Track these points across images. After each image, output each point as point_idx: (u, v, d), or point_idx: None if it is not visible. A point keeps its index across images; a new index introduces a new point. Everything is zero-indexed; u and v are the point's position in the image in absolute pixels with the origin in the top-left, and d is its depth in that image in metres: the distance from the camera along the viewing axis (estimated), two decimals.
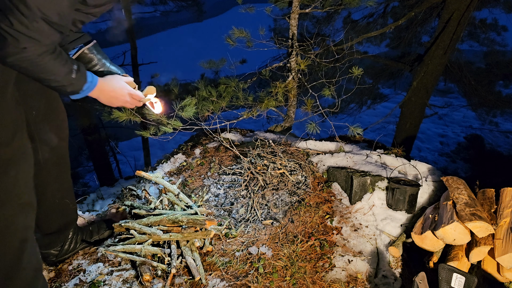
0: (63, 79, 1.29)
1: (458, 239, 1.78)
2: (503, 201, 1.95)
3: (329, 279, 1.83)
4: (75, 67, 1.32)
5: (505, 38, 7.68)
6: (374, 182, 2.37)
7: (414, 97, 5.58)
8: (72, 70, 1.30)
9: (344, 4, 3.72)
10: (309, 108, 3.23)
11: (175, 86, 3.57)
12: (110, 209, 2.39)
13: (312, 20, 6.57)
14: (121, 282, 1.79)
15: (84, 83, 1.37)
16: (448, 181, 2.11)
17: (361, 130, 3.11)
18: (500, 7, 7.10)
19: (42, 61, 1.20)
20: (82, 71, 1.35)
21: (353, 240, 2.08)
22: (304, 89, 3.76)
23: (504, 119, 9.81)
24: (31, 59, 1.17)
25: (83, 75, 1.37)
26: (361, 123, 3.28)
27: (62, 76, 1.28)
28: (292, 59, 3.69)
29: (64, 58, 1.27)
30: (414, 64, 6.09)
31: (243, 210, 2.29)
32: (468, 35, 7.63)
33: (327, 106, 3.56)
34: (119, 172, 7.88)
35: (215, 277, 1.83)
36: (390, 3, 6.70)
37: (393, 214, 2.25)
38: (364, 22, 6.71)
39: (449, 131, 11.90)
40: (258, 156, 2.62)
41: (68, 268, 1.90)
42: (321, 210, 2.28)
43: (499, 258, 1.65)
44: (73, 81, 1.32)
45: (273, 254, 1.96)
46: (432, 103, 7.83)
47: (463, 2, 4.93)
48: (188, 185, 2.58)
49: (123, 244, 1.91)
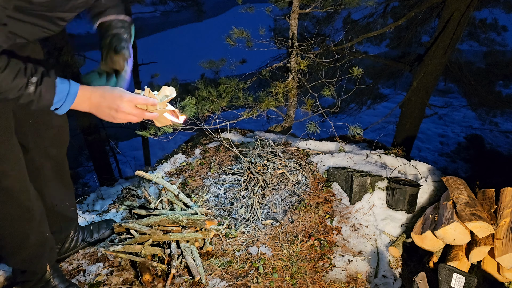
0: (17, 96, 1.06)
1: (458, 239, 1.78)
2: (503, 201, 1.95)
3: (329, 279, 1.83)
4: (34, 79, 1.07)
5: (505, 38, 7.68)
6: (374, 182, 2.37)
7: (414, 97, 5.58)
8: (29, 83, 1.06)
9: (344, 4, 3.72)
10: (309, 108, 3.23)
11: (175, 86, 3.56)
12: (110, 209, 2.39)
13: (312, 20, 6.57)
14: (121, 282, 1.79)
15: (51, 96, 1.10)
16: (448, 181, 2.11)
17: (361, 130, 3.11)
18: (500, 7, 7.10)
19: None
20: (46, 82, 1.09)
21: (353, 240, 2.08)
22: (304, 89, 3.76)
23: (504, 119, 9.80)
24: None
25: (49, 87, 1.10)
26: (361, 123, 3.28)
27: (14, 93, 1.05)
28: (292, 59, 3.69)
29: (14, 69, 1.04)
30: (414, 64, 6.09)
31: (243, 210, 2.29)
32: (468, 35, 7.63)
33: (327, 106, 3.56)
34: (119, 172, 7.88)
35: (215, 277, 1.83)
36: (390, 3, 6.70)
37: (393, 214, 2.25)
38: (364, 22, 6.71)
39: (449, 131, 11.90)
40: (258, 156, 2.62)
41: (68, 268, 1.90)
42: (321, 210, 2.28)
43: (499, 258, 1.65)
44: (32, 97, 1.08)
45: (273, 254, 1.96)
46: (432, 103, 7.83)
47: (463, 2, 4.93)
48: (188, 185, 2.58)
49: (123, 244, 1.91)
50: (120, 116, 1.19)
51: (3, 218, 1.43)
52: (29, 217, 1.48)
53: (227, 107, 3.25)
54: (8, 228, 1.45)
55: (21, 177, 1.40)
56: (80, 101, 1.16)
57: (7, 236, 1.47)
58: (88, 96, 1.17)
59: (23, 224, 1.47)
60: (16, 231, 1.47)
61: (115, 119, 1.20)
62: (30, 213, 1.47)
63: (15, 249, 1.51)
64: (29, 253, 1.54)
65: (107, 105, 1.17)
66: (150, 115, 1.24)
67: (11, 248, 1.51)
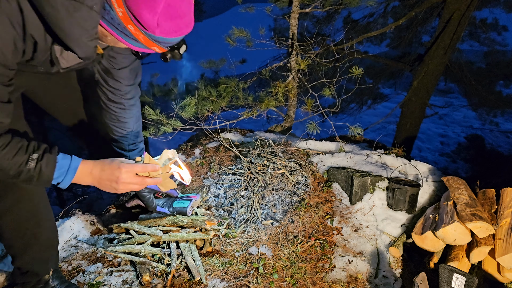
0: (16, 172, 1.08)
1: (458, 240, 1.78)
2: (504, 201, 1.95)
3: (329, 280, 1.83)
4: (35, 156, 1.09)
5: (506, 38, 7.67)
6: (375, 182, 2.37)
7: (415, 97, 5.57)
8: (29, 160, 1.08)
9: (344, 3, 3.71)
10: (309, 108, 3.22)
11: (175, 86, 3.57)
12: (110, 209, 2.38)
13: (312, 20, 6.56)
14: (120, 282, 1.79)
15: (51, 172, 1.12)
16: (449, 181, 2.11)
17: (361, 130, 3.11)
18: (500, 7, 7.10)
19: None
20: (47, 158, 1.11)
21: (354, 241, 2.08)
22: (304, 89, 3.76)
23: (504, 119, 9.80)
24: None
25: (50, 163, 1.12)
26: (362, 123, 3.27)
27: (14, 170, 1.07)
28: (292, 59, 3.68)
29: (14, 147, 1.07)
30: (415, 64, 6.08)
31: (243, 210, 2.28)
32: (469, 35, 7.63)
33: (327, 106, 3.56)
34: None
35: (215, 277, 1.82)
36: (390, 3, 6.69)
37: (393, 214, 2.24)
38: (364, 22, 6.70)
39: (449, 131, 11.89)
40: (258, 156, 2.62)
41: (67, 269, 1.89)
42: (321, 210, 2.27)
43: (500, 259, 1.65)
44: (32, 173, 1.09)
45: (273, 255, 1.96)
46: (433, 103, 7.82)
47: (463, 2, 4.92)
48: (189, 185, 2.57)
49: (122, 245, 1.91)
50: (121, 187, 1.21)
51: (14, 218, 1.42)
52: (39, 219, 1.48)
53: (227, 107, 3.24)
54: (17, 228, 1.45)
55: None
56: (82, 175, 1.19)
57: (16, 236, 1.47)
58: (89, 170, 1.20)
59: (33, 225, 1.47)
60: (25, 231, 1.46)
61: (117, 190, 1.22)
62: (38, 215, 1.48)
63: (23, 250, 1.51)
64: (35, 256, 1.55)
65: (107, 178, 1.20)
66: (152, 181, 1.26)
67: (18, 249, 1.51)
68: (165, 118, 2.79)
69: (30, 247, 1.51)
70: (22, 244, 1.49)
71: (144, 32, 1.02)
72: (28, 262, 1.55)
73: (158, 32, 1.02)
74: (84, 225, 2.19)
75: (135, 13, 0.98)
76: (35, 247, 1.52)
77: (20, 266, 1.57)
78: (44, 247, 1.57)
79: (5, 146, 1.05)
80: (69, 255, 1.98)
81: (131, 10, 0.98)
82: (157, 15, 0.98)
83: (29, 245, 1.50)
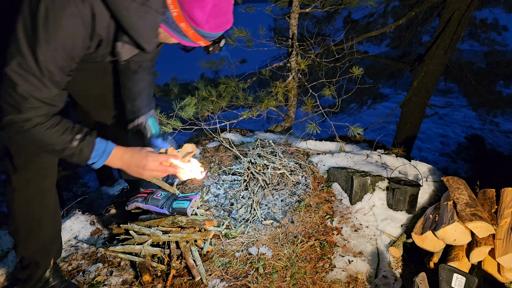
0: (62, 148, 1.24)
1: (458, 240, 1.78)
2: (504, 201, 1.95)
3: (329, 280, 1.83)
4: (78, 136, 1.25)
5: (506, 38, 7.67)
6: (375, 182, 2.37)
7: (415, 97, 5.57)
8: (73, 139, 1.25)
9: (344, 3, 3.71)
10: (309, 108, 3.23)
11: (175, 86, 3.57)
12: (110, 209, 2.38)
13: (312, 20, 6.56)
14: (120, 282, 1.79)
15: (89, 152, 1.28)
16: (449, 181, 2.11)
17: (361, 130, 3.11)
18: (500, 7, 7.10)
19: (35, 132, 1.18)
20: (88, 140, 1.27)
21: (354, 241, 2.08)
22: (304, 89, 3.76)
23: (504, 119, 9.79)
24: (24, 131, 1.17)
25: (89, 144, 1.28)
26: (362, 123, 3.27)
27: (60, 146, 1.23)
28: (292, 58, 3.68)
29: (63, 127, 1.23)
30: (415, 64, 6.08)
31: (243, 210, 2.28)
32: (469, 35, 7.63)
33: (327, 106, 3.56)
34: (119, 172, 7.83)
35: (215, 277, 1.82)
36: (390, 3, 6.69)
37: (393, 214, 2.24)
38: (364, 22, 6.70)
39: (449, 131, 11.88)
40: (258, 156, 2.62)
41: (67, 268, 1.89)
42: (321, 210, 2.27)
43: (500, 259, 1.65)
44: (74, 150, 1.25)
45: (273, 255, 1.96)
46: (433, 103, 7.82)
47: (463, 1, 4.92)
48: (188, 185, 2.57)
49: (122, 245, 1.91)
50: (146, 173, 1.37)
51: (28, 195, 1.49)
52: (46, 204, 1.56)
53: (227, 107, 3.25)
54: (28, 207, 1.52)
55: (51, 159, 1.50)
56: (113, 159, 1.35)
57: (24, 216, 1.53)
58: (120, 155, 1.36)
59: (39, 209, 1.54)
60: (33, 213, 1.53)
61: (142, 176, 1.38)
62: (47, 199, 1.55)
63: (28, 236, 1.56)
64: (39, 244, 1.59)
65: (135, 164, 1.36)
66: (173, 170, 1.43)
67: (24, 234, 1.56)
68: (165, 118, 2.79)
69: (35, 232, 1.56)
70: (28, 227, 1.55)
71: (194, 28, 1.20)
72: (30, 249, 1.59)
73: (207, 28, 1.20)
74: (84, 225, 2.19)
75: (188, 12, 1.16)
76: (39, 233, 1.57)
77: (23, 255, 1.61)
78: (47, 235, 1.61)
79: (56, 125, 1.21)
80: (69, 255, 1.98)
81: (184, 10, 1.16)
82: (206, 13, 1.16)
83: (34, 229, 1.56)
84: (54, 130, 1.21)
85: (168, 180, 2.31)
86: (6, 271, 1.88)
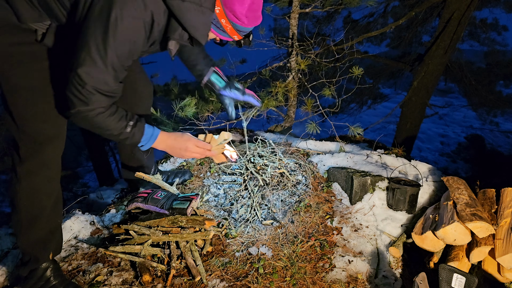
0: (118, 133, 1.45)
1: (458, 240, 1.78)
2: (504, 201, 1.95)
3: (329, 280, 1.83)
4: (131, 123, 1.46)
5: (506, 38, 7.68)
6: (375, 182, 2.37)
7: (415, 97, 5.57)
8: (127, 125, 1.45)
9: (344, 3, 3.71)
10: (309, 108, 3.23)
11: (175, 86, 3.57)
12: (110, 209, 2.38)
13: (312, 20, 6.57)
14: (120, 282, 1.79)
15: (140, 136, 1.50)
16: (449, 181, 2.11)
17: (361, 130, 3.11)
18: (500, 7, 7.10)
19: (97, 120, 1.38)
20: (138, 126, 1.49)
21: (354, 241, 2.08)
22: (304, 89, 3.76)
23: (504, 119, 9.80)
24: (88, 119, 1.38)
25: (140, 129, 1.49)
26: (362, 123, 3.27)
27: (117, 131, 1.44)
28: (292, 58, 3.68)
29: (119, 115, 1.43)
30: (415, 64, 6.09)
31: (243, 210, 2.28)
32: (469, 35, 7.63)
33: (327, 106, 3.56)
34: (118, 172, 7.86)
35: (215, 277, 1.82)
36: (390, 3, 6.69)
37: (393, 214, 2.24)
38: (364, 22, 6.70)
39: (449, 131, 11.89)
40: (258, 156, 2.62)
41: (68, 268, 1.89)
42: (321, 210, 2.27)
43: (500, 259, 1.65)
44: (128, 135, 1.47)
45: (273, 255, 1.96)
46: (433, 103, 7.82)
47: (463, 1, 4.92)
48: (188, 185, 2.57)
49: (122, 245, 1.91)
50: (187, 154, 1.61)
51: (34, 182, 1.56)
52: (49, 193, 1.61)
53: None
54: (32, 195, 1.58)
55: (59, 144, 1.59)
56: (159, 142, 1.57)
57: (28, 205, 1.58)
58: (165, 139, 1.58)
59: (42, 199, 1.60)
60: (34, 205, 1.59)
61: (183, 156, 1.62)
62: (50, 188, 1.61)
63: (29, 226, 1.61)
64: (39, 234, 1.64)
65: (178, 147, 1.59)
66: (209, 153, 1.67)
67: (25, 224, 1.60)
68: (165, 118, 2.79)
69: (36, 222, 1.61)
70: (29, 217, 1.60)
71: (232, 24, 1.40)
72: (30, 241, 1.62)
73: (245, 22, 1.39)
74: (84, 225, 2.19)
75: (230, 8, 1.35)
76: (40, 224, 1.62)
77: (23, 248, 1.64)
78: (48, 226, 1.65)
79: (114, 113, 1.41)
80: (69, 255, 1.98)
81: (226, 6, 1.35)
82: (245, 9, 1.36)
83: (36, 219, 1.60)
84: (113, 118, 1.41)
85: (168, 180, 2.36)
86: (6, 271, 1.88)
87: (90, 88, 1.30)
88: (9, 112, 1.48)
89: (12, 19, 1.37)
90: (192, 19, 1.34)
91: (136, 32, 1.30)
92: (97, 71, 1.29)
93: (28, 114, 1.47)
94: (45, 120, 1.51)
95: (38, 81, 1.45)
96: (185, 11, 1.31)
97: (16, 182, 1.55)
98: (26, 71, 1.42)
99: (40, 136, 1.51)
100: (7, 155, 5.37)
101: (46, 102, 1.49)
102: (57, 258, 1.90)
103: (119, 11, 1.23)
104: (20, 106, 1.46)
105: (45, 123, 1.51)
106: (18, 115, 1.47)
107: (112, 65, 1.30)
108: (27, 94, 1.45)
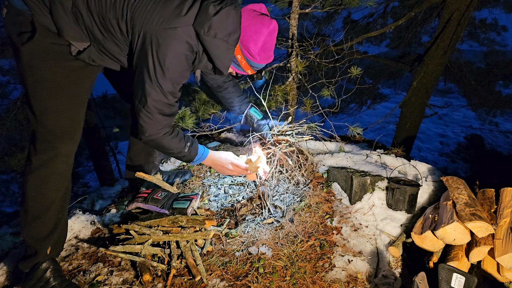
0: (178, 152, 1.76)
1: (458, 239, 1.78)
2: (503, 201, 1.95)
3: (329, 279, 1.83)
4: (188, 144, 1.78)
5: (505, 38, 7.68)
6: (374, 182, 2.37)
7: (414, 97, 5.58)
8: (186, 146, 1.77)
9: (344, 4, 3.71)
10: (308, 109, 3.23)
11: None
12: (110, 209, 2.39)
13: (312, 20, 6.57)
14: (121, 282, 1.79)
15: (195, 155, 1.84)
16: (448, 181, 2.11)
17: (361, 130, 3.11)
18: (500, 7, 7.11)
19: (163, 141, 1.68)
20: (194, 146, 1.82)
21: (353, 240, 2.08)
22: (304, 89, 3.76)
23: (504, 119, 9.81)
24: (157, 141, 1.68)
25: (195, 149, 1.83)
26: (361, 123, 3.28)
27: (177, 150, 1.75)
28: (292, 59, 3.68)
29: (179, 137, 1.74)
30: (414, 64, 6.09)
31: (243, 210, 2.29)
32: (468, 35, 7.64)
33: (327, 106, 3.56)
34: (119, 172, 7.87)
35: (215, 277, 1.83)
36: (390, 3, 6.70)
37: (393, 214, 2.24)
38: (364, 22, 6.71)
39: (449, 131, 11.90)
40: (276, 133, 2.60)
41: (68, 268, 1.90)
42: (321, 210, 2.28)
43: (499, 258, 1.65)
44: (185, 154, 1.79)
45: (273, 254, 1.96)
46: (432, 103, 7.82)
47: (463, 2, 4.93)
48: (188, 185, 2.58)
49: (123, 244, 1.91)
50: (228, 172, 1.97)
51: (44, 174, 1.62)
52: (59, 186, 1.67)
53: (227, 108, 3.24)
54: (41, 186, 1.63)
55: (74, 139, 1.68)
56: (207, 160, 1.92)
57: (36, 195, 1.63)
58: (212, 158, 1.93)
59: (52, 191, 1.66)
60: (41, 196, 1.64)
61: (224, 173, 1.99)
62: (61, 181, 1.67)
63: (33, 217, 1.64)
64: (42, 228, 1.67)
65: (221, 165, 1.94)
66: (246, 173, 1.98)
67: (32, 213, 1.64)
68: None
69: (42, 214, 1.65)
70: (36, 208, 1.64)
71: (247, 60, 1.68)
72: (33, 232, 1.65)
73: (258, 60, 1.67)
74: (85, 225, 2.20)
75: (245, 46, 1.62)
76: (45, 216, 1.66)
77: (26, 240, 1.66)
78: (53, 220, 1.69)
79: (176, 136, 1.73)
80: (69, 254, 1.99)
81: (242, 45, 1.63)
82: (258, 48, 1.62)
83: (41, 211, 1.65)
84: (175, 140, 1.71)
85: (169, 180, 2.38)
86: (7, 271, 1.89)
87: (158, 118, 1.58)
88: (30, 106, 1.57)
89: (51, 28, 1.49)
90: (220, 53, 1.57)
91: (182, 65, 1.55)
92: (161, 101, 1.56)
93: (48, 106, 1.56)
94: (64, 113, 1.60)
95: (61, 77, 1.56)
96: (214, 47, 1.55)
97: (28, 172, 1.61)
98: (52, 66, 1.53)
99: (56, 129, 1.60)
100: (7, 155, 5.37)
101: (66, 97, 1.59)
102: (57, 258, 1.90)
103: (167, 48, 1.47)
104: (43, 98, 1.55)
105: (63, 116, 1.60)
106: (39, 107, 1.56)
107: (169, 92, 1.56)
108: (51, 87, 1.55)
